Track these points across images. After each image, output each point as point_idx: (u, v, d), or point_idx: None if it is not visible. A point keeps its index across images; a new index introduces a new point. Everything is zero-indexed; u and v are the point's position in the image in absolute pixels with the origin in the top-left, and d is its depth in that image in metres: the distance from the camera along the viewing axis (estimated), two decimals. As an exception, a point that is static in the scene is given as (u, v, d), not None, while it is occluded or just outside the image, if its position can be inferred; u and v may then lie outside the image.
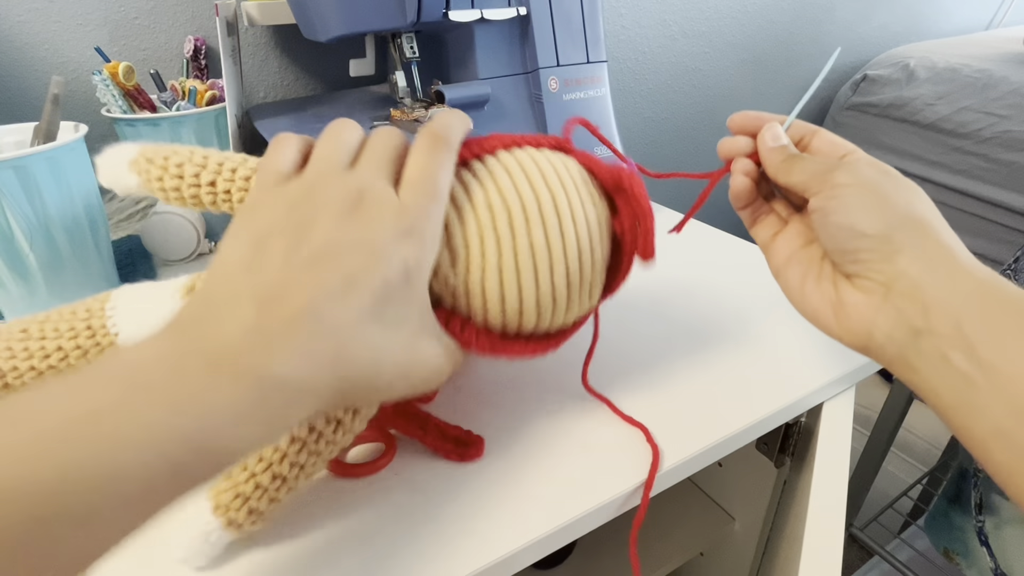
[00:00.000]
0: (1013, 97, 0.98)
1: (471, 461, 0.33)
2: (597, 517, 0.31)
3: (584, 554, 0.57)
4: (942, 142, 1.05)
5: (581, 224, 0.29)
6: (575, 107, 0.56)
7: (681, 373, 0.39)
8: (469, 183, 0.28)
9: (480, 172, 0.29)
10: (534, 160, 0.30)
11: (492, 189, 0.28)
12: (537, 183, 0.29)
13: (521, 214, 0.28)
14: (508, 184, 0.28)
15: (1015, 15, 1.49)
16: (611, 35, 0.89)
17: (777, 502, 0.49)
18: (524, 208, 0.28)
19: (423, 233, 0.25)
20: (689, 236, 0.59)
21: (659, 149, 1.04)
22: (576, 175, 0.30)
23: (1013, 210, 0.98)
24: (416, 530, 0.29)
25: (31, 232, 0.40)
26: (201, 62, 0.61)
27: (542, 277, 0.29)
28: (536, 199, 0.28)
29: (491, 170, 0.29)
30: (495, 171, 0.29)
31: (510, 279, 0.28)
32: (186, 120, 0.50)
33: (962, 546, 0.80)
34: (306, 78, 0.70)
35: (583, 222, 0.30)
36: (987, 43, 1.16)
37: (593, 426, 0.35)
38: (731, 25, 1.00)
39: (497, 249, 0.28)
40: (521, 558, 0.28)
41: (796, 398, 0.37)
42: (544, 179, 0.29)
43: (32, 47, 0.56)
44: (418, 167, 0.26)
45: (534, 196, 0.28)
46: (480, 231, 0.28)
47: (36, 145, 0.43)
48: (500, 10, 0.51)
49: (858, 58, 1.22)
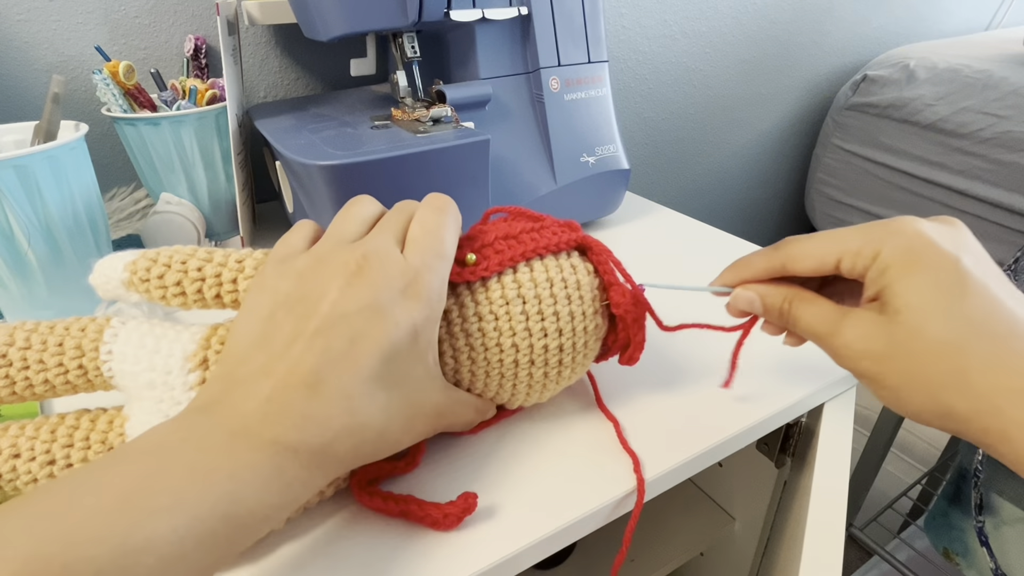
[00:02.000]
0: (1013, 98, 0.98)
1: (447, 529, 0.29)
2: (597, 518, 0.31)
3: (584, 554, 0.57)
4: (942, 142, 1.05)
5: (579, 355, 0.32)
6: (576, 107, 0.56)
7: (681, 373, 0.39)
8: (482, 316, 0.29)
9: (491, 301, 0.30)
10: (549, 283, 0.30)
11: (505, 329, 0.30)
12: (549, 323, 0.30)
13: (527, 357, 0.30)
14: (521, 326, 0.30)
15: (1015, 15, 1.49)
16: (611, 35, 0.89)
17: (777, 502, 0.49)
18: (531, 352, 0.30)
19: (428, 290, 0.25)
20: (689, 236, 0.59)
21: (659, 149, 1.04)
22: (587, 296, 0.31)
23: (1013, 210, 0.98)
24: (417, 531, 0.29)
25: (31, 232, 0.40)
26: (202, 61, 0.61)
27: (534, 391, 0.32)
28: (544, 344, 0.30)
29: (505, 299, 0.30)
30: (509, 302, 0.30)
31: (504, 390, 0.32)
32: (186, 119, 0.50)
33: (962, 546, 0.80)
34: (307, 77, 0.70)
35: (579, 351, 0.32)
36: (987, 43, 1.16)
37: (594, 427, 0.35)
38: (731, 25, 1.00)
39: (499, 383, 0.31)
40: (522, 559, 0.28)
41: (797, 398, 0.37)
42: (556, 318, 0.30)
43: (32, 46, 0.56)
44: (422, 226, 0.27)
45: (543, 340, 0.30)
46: (486, 368, 0.30)
47: (36, 144, 0.43)
48: (501, 10, 0.51)
49: (858, 58, 1.22)
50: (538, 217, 0.33)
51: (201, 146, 0.52)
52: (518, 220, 0.33)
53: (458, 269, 0.29)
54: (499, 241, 0.31)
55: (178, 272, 0.29)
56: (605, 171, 0.57)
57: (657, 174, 1.06)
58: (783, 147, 1.22)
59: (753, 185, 1.22)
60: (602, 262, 0.32)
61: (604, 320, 0.32)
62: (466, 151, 0.45)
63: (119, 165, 0.63)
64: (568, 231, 0.32)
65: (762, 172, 1.22)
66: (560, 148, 0.55)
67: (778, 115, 1.17)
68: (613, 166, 0.58)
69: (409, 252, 0.26)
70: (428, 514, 0.28)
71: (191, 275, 0.29)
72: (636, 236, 0.59)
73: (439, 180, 0.45)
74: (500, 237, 0.31)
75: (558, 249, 0.32)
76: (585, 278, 0.31)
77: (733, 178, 1.18)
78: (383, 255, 0.25)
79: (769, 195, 1.27)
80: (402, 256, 0.26)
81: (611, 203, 0.61)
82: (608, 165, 0.57)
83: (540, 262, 0.31)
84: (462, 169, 0.46)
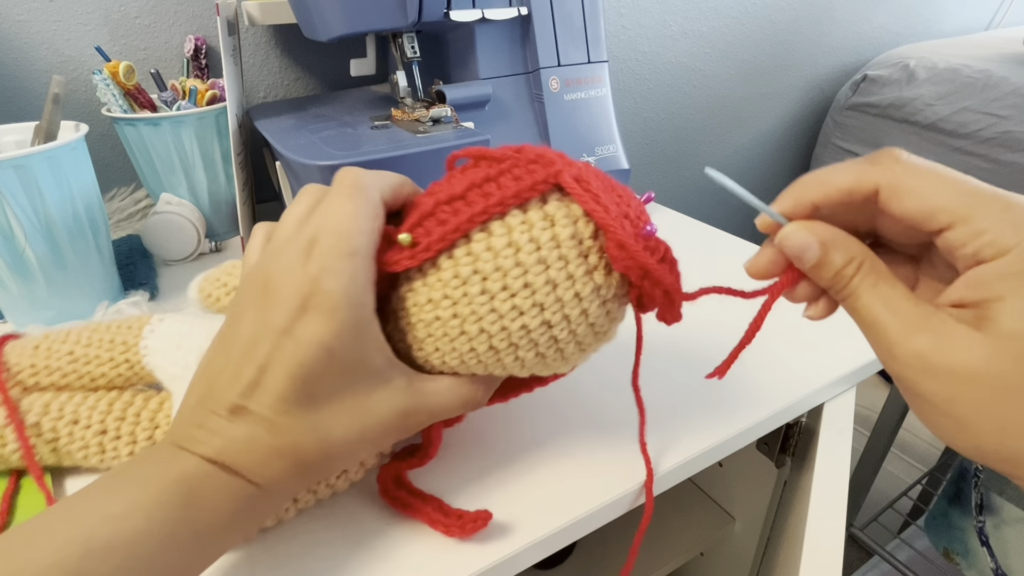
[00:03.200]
0: (1013, 98, 0.98)
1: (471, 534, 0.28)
2: (597, 518, 0.31)
3: (585, 554, 0.57)
4: (942, 142, 1.05)
5: (581, 325, 0.25)
6: (576, 107, 0.56)
7: (682, 373, 0.39)
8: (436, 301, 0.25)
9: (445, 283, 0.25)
10: (514, 249, 0.24)
11: (467, 314, 0.24)
12: (521, 299, 0.24)
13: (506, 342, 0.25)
14: (486, 308, 0.24)
15: (1015, 15, 1.49)
16: (611, 35, 0.89)
17: (777, 502, 0.49)
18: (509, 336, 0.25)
19: (331, 299, 0.23)
20: (689, 235, 0.59)
21: (659, 149, 1.04)
22: (571, 253, 0.24)
23: (1013, 210, 0.98)
24: (418, 530, 0.29)
25: (31, 232, 0.40)
26: (202, 61, 0.61)
27: (539, 367, 0.27)
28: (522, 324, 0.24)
29: (460, 278, 0.24)
30: (465, 282, 0.24)
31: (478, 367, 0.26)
32: (186, 120, 0.50)
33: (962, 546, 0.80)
34: (307, 78, 0.70)
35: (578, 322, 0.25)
36: (987, 43, 1.16)
37: (594, 427, 0.35)
38: (731, 25, 1.00)
39: (484, 367, 0.26)
40: (522, 558, 0.28)
41: (797, 398, 0.37)
42: (531, 291, 0.24)
43: (32, 47, 0.56)
44: (319, 222, 0.24)
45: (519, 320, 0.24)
46: (460, 356, 0.26)
47: (36, 145, 0.43)
48: (501, 10, 0.51)
49: (858, 58, 1.22)
50: (500, 157, 0.26)
51: (201, 146, 0.52)
52: (472, 169, 0.26)
53: (395, 255, 0.25)
54: (441, 208, 0.25)
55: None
56: (605, 171, 0.57)
57: (657, 174, 1.06)
58: (783, 147, 1.22)
59: (753, 185, 1.22)
60: (585, 201, 0.24)
61: (606, 273, 0.25)
62: (466, 151, 0.45)
63: (119, 165, 0.63)
64: (538, 169, 0.25)
65: (762, 172, 1.22)
66: (560, 148, 0.55)
67: (778, 115, 1.17)
68: (613, 166, 0.58)
69: (309, 258, 0.23)
70: (440, 520, 0.28)
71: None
72: (636, 236, 0.59)
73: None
74: (442, 202, 0.25)
75: (523, 199, 0.24)
76: (565, 229, 0.24)
77: (733, 177, 1.17)
78: (283, 271, 0.23)
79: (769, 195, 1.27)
80: (301, 264, 0.23)
81: (611, 203, 0.61)
82: (608, 165, 0.57)
83: (500, 222, 0.24)
84: (462, 169, 0.46)
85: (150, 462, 0.23)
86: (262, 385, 0.23)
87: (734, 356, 0.26)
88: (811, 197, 0.22)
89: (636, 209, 0.26)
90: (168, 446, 0.23)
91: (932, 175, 0.19)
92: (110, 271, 0.47)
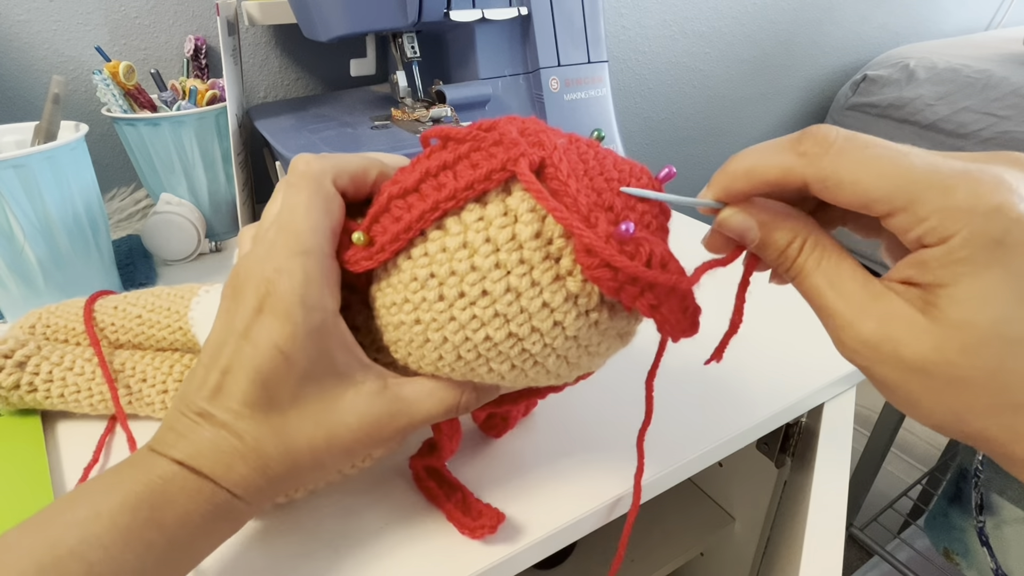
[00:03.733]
0: (1013, 98, 0.98)
1: (480, 537, 0.28)
2: (597, 518, 0.31)
3: (584, 554, 0.57)
4: (942, 142, 1.05)
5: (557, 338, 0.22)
6: (576, 107, 0.56)
7: (682, 374, 0.39)
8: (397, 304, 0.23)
9: (404, 285, 0.22)
10: (468, 251, 0.21)
11: (427, 319, 0.22)
12: (480, 308, 0.21)
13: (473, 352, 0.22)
14: (444, 316, 0.22)
15: (1015, 15, 1.49)
16: (612, 35, 0.89)
17: (777, 502, 0.49)
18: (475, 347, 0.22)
19: (284, 301, 0.22)
20: (689, 236, 0.59)
21: (659, 149, 1.04)
22: (534, 256, 0.21)
23: (1013, 210, 0.98)
24: (418, 530, 0.29)
25: (31, 232, 0.40)
26: (202, 62, 0.61)
27: (520, 381, 0.24)
28: (486, 335, 0.22)
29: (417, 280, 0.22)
30: (423, 285, 0.22)
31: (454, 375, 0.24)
32: (186, 120, 0.50)
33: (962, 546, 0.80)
34: (307, 78, 0.70)
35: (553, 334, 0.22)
36: (987, 43, 1.16)
37: (593, 427, 0.35)
38: (731, 25, 1.00)
39: (462, 375, 0.24)
40: (522, 559, 0.28)
41: (797, 399, 0.37)
42: (488, 299, 0.21)
43: (32, 47, 0.56)
44: (275, 219, 0.23)
45: (481, 331, 0.22)
46: (435, 364, 0.24)
47: (36, 145, 0.43)
48: (501, 10, 0.51)
49: (858, 58, 1.22)
50: (461, 136, 0.22)
51: (201, 146, 0.52)
52: (437, 153, 0.23)
53: (352, 254, 0.23)
54: (395, 203, 0.22)
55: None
56: (605, 171, 0.57)
57: (657, 174, 1.06)
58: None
59: (753, 185, 1.22)
60: (540, 194, 0.20)
61: (582, 281, 0.21)
62: (466, 151, 0.45)
63: (119, 165, 0.63)
64: (498, 152, 0.21)
65: (762, 172, 1.22)
66: (560, 148, 0.55)
67: (778, 115, 1.17)
68: (613, 166, 0.58)
69: (264, 257, 0.22)
70: (457, 517, 0.29)
71: None
72: (636, 236, 0.59)
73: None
74: (395, 195, 0.22)
75: (479, 191, 0.21)
76: (528, 227, 0.21)
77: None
78: (247, 271, 0.23)
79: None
80: (259, 263, 0.22)
81: (611, 203, 0.61)
82: (608, 165, 0.57)
83: (455, 219, 0.21)
84: (462, 169, 0.46)
85: (124, 466, 0.23)
86: (224, 389, 0.23)
87: (729, 336, 0.25)
88: (739, 188, 0.21)
89: (630, 201, 0.22)
90: (144, 450, 0.23)
91: (864, 164, 0.18)
92: (110, 271, 0.47)
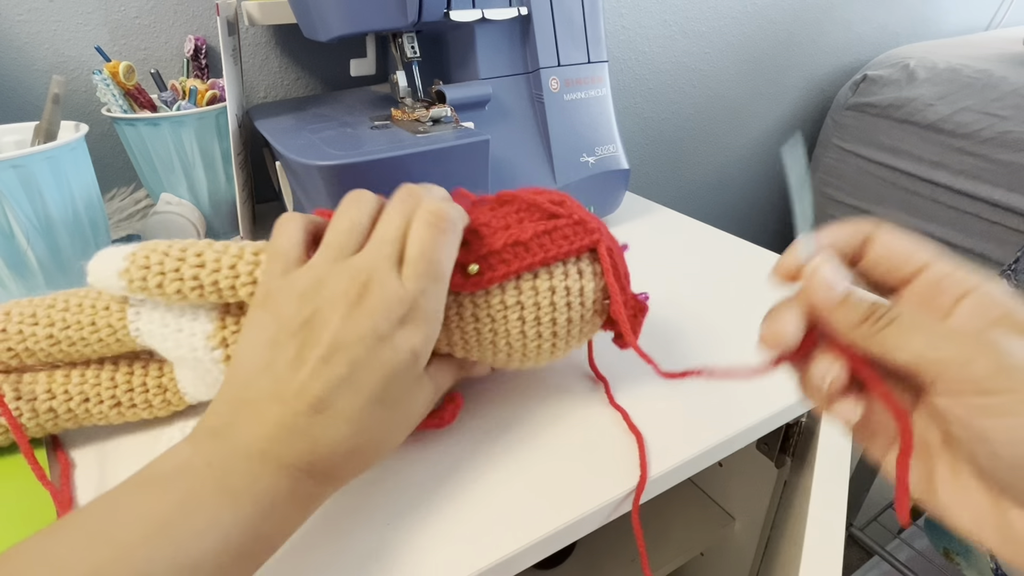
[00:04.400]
0: (1013, 98, 0.98)
1: (443, 427, 0.34)
2: (597, 518, 0.31)
3: (585, 554, 0.57)
4: (942, 142, 1.05)
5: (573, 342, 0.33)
6: (576, 107, 0.56)
7: (682, 373, 0.39)
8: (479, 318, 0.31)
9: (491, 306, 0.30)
10: (551, 292, 0.31)
11: (501, 331, 0.31)
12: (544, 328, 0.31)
13: (520, 353, 0.32)
14: (516, 330, 0.31)
15: (1015, 15, 1.49)
16: (611, 35, 0.89)
17: (777, 502, 0.49)
18: (524, 349, 0.32)
19: (426, 315, 0.26)
20: (690, 237, 0.59)
21: (659, 149, 1.04)
22: (588, 301, 0.32)
23: (1013, 210, 0.98)
24: (416, 530, 0.29)
25: (31, 232, 0.40)
26: (201, 62, 0.61)
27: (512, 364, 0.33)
28: (538, 344, 0.32)
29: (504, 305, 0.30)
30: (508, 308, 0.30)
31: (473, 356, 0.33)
32: (186, 120, 0.50)
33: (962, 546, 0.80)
34: (307, 78, 0.70)
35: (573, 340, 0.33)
36: (987, 43, 1.16)
37: (594, 427, 0.35)
38: (731, 25, 1.00)
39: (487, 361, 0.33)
40: (522, 559, 0.28)
41: (797, 398, 0.37)
42: (553, 324, 0.31)
43: (32, 46, 0.56)
44: (419, 247, 0.27)
45: (536, 341, 0.31)
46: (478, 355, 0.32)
47: (36, 145, 0.43)
48: (501, 10, 0.51)
49: (858, 58, 1.22)
50: (552, 211, 0.32)
51: (201, 146, 0.52)
52: (529, 216, 0.32)
53: (460, 279, 0.29)
54: (507, 249, 0.30)
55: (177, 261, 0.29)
56: (605, 171, 0.57)
57: (657, 174, 1.06)
58: (783, 147, 1.22)
59: (753, 185, 1.22)
60: (607, 270, 0.31)
61: (602, 316, 0.33)
62: (466, 151, 0.45)
63: (119, 165, 0.63)
64: (583, 235, 0.31)
65: (762, 172, 1.22)
66: (560, 148, 0.55)
67: (778, 115, 1.17)
68: (613, 166, 0.58)
69: (406, 276, 0.26)
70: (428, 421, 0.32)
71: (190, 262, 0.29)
72: (636, 236, 0.59)
73: (439, 180, 0.45)
74: (509, 244, 0.30)
75: (568, 256, 0.31)
76: (590, 283, 0.31)
77: (733, 178, 1.18)
78: (382, 282, 0.25)
79: (769, 195, 1.27)
80: (400, 281, 0.26)
81: (611, 203, 0.61)
82: (608, 165, 0.57)
83: (546, 270, 0.31)
84: (462, 169, 0.46)
85: (222, 471, 0.23)
86: (353, 384, 0.24)
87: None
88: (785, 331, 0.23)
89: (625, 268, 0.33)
90: (236, 455, 0.23)
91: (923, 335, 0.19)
92: (110, 271, 0.47)
